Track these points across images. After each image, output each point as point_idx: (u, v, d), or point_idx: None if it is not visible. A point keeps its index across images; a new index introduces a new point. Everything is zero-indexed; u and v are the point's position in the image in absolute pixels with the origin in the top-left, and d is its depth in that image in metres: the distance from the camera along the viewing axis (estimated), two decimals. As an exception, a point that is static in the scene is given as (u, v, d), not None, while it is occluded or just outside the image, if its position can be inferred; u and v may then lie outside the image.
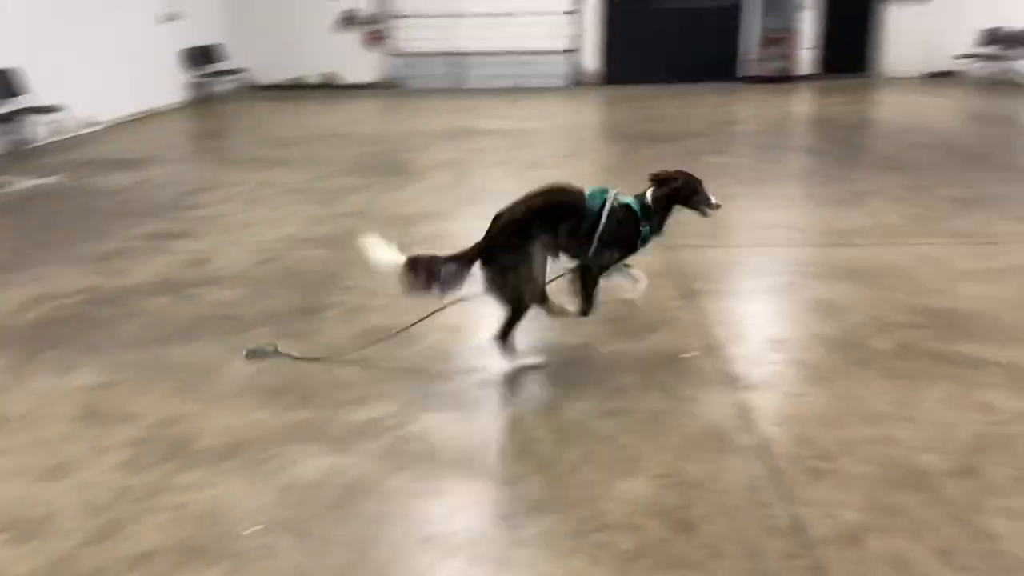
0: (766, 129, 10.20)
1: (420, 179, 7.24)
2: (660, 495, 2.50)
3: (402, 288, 3.21)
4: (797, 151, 8.59)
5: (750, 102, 12.58)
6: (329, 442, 2.87)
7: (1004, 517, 2.35)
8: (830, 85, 14.00)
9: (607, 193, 3.37)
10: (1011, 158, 7.70)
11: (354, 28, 15.12)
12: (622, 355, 3.51)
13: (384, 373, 3.40)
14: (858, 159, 7.92)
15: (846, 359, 3.42)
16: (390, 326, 3.85)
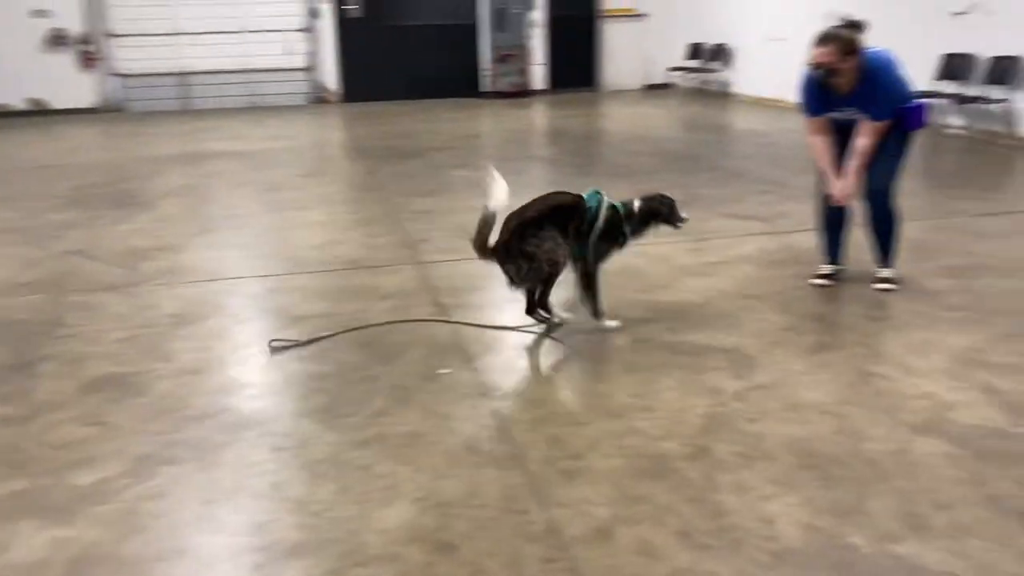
0: (506, 142, 10.59)
1: (150, 209, 6.72)
2: (419, 519, 2.46)
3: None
4: (537, 162, 8.97)
5: (490, 116, 13.00)
6: (51, 513, 2.54)
7: (733, 492, 2.56)
8: (561, 99, 14.84)
9: (600, 195, 3.83)
10: (718, 160, 8.55)
11: (66, 48, 13.78)
12: (378, 378, 3.44)
13: (114, 427, 3.08)
14: (591, 167, 8.42)
15: (588, 358, 3.60)
16: (119, 374, 3.52)
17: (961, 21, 9.40)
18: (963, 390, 3.20)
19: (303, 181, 7.84)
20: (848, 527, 2.37)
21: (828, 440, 2.85)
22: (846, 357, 3.54)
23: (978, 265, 4.74)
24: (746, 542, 2.32)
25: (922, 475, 2.63)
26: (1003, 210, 6.07)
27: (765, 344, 3.69)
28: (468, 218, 6.11)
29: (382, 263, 5.06)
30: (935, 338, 3.70)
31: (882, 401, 3.13)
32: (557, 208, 3.76)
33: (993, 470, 2.65)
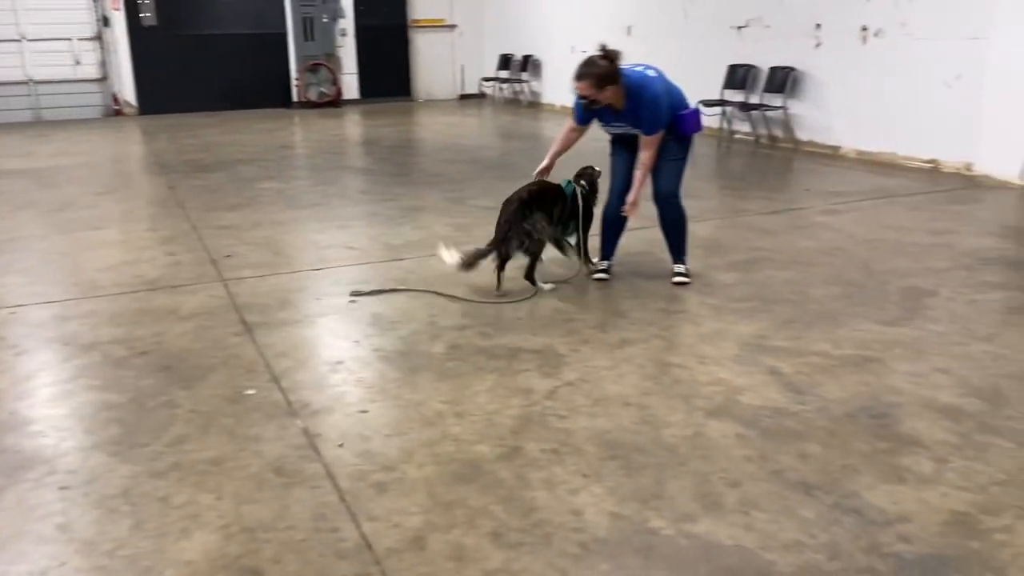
0: (319, 152, 10.36)
1: (-88, 235, 6.03)
2: (224, 547, 2.34)
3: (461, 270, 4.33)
4: (350, 172, 8.84)
5: (300, 127, 12.69)
6: None
7: (544, 489, 2.62)
8: (374, 108, 14.73)
9: (571, 184, 4.72)
10: (530, 168, 8.74)
11: None
12: (177, 404, 3.25)
13: None
14: (406, 177, 8.40)
15: (403, 368, 3.57)
16: None
17: (743, 34, 10.19)
18: (750, 374, 3.45)
19: (97, 199, 7.31)
20: (649, 512, 2.49)
21: (631, 430, 2.99)
22: (646, 350, 3.72)
23: (761, 259, 5.14)
24: (556, 536, 2.38)
25: (715, 456, 2.81)
26: (782, 208, 6.62)
27: (574, 343, 3.82)
28: (276, 232, 5.96)
29: (183, 282, 4.80)
30: (725, 328, 3.98)
31: (679, 389, 3.32)
32: (545, 191, 4.60)
33: (777, 446, 2.87)
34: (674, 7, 11.25)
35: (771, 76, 9.69)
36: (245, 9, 14.63)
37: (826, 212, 6.41)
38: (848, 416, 3.08)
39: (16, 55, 13.33)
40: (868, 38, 8.61)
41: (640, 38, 12.02)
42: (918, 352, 3.66)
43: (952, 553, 2.28)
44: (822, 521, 2.43)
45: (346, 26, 15.18)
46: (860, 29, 8.66)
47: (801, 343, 3.78)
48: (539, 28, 14.60)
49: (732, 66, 10.21)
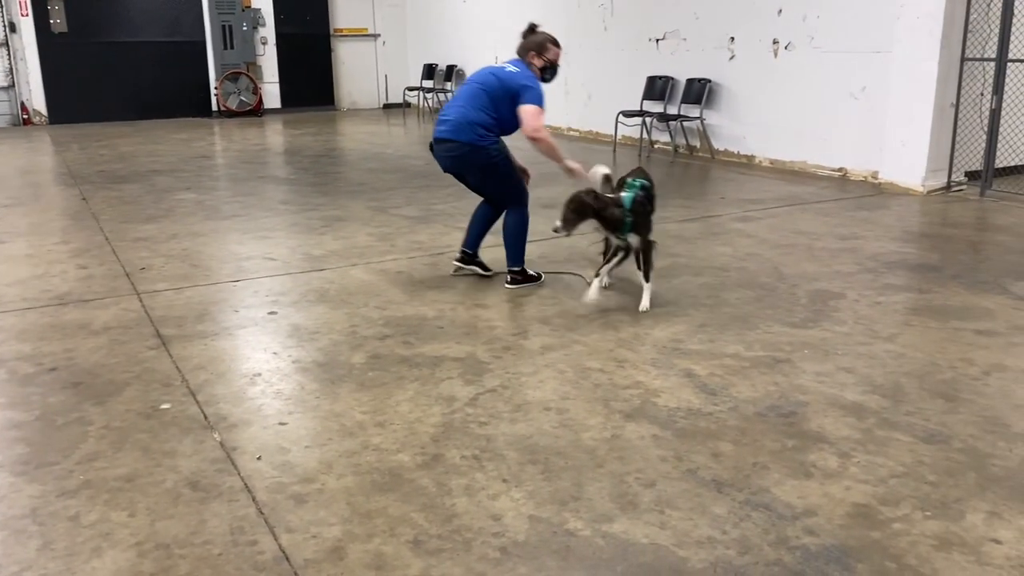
0: (239, 162, 10.17)
1: None
2: (137, 565, 2.29)
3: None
4: (271, 182, 8.71)
5: (220, 136, 12.45)
6: None
7: (463, 495, 2.65)
8: (296, 117, 14.56)
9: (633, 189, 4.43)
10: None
11: None
12: (89, 420, 3.16)
13: None
14: (329, 186, 8.32)
15: (323, 379, 3.55)
16: None
17: (661, 47, 10.44)
18: (666, 377, 3.54)
19: (3, 211, 7.04)
20: (568, 513, 2.54)
21: (551, 434, 3.04)
22: (567, 356, 3.79)
23: (678, 265, 5.28)
24: (476, 541, 2.41)
25: (632, 457, 2.88)
26: (699, 216, 6.80)
27: (496, 350, 3.86)
28: (193, 243, 5.84)
29: (96, 296, 4.66)
30: (643, 332, 4.07)
31: (598, 393, 3.39)
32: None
33: (691, 446, 2.96)
34: (594, 19, 11.46)
35: (688, 87, 9.95)
36: (162, 16, 14.31)
37: (741, 219, 6.61)
38: (759, 415, 3.19)
39: (-86, 61, 12.74)
40: (779, 51, 8.93)
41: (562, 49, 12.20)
42: (825, 352, 3.82)
43: (854, 544, 2.39)
44: (733, 517, 2.52)
45: (267, 34, 14.98)
46: (772, 42, 8.98)
47: (715, 346, 3.90)
48: (462, 38, 14.68)
49: (651, 77, 10.45)
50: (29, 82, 13.51)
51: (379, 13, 16.18)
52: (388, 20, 16.25)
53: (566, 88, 12.18)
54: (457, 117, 4.60)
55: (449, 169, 4.82)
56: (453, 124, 4.61)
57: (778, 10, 8.86)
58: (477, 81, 4.72)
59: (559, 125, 12.51)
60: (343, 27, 15.92)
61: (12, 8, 13.21)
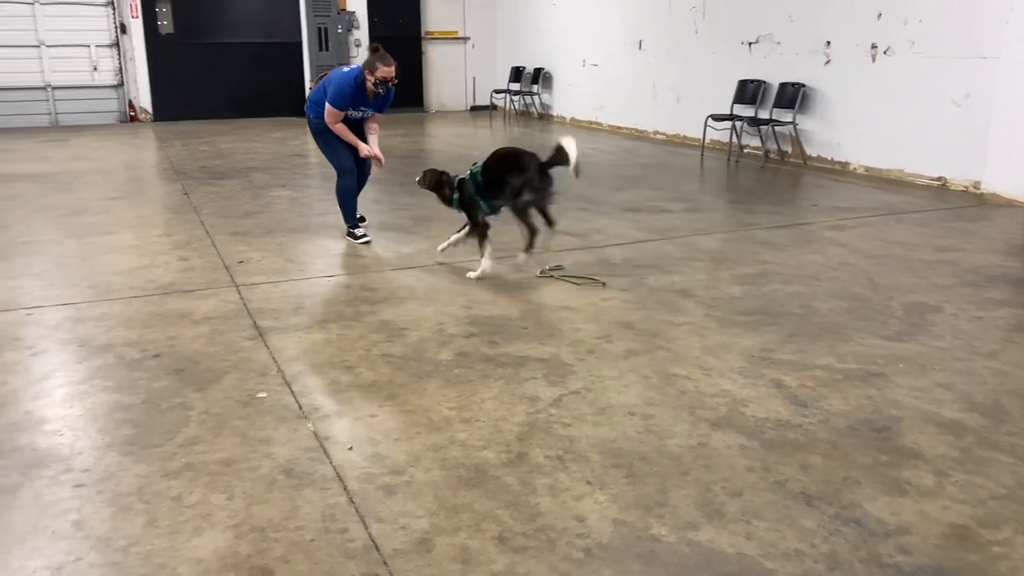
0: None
1: (-69, 236, 6.13)
2: (234, 546, 2.39)
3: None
4: (361, 182, 8.90)
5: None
6: None
7: (548, 495, 2.67)
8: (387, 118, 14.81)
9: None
10: (540, 179, 8.83)
11: None
12: (190, 406, 3.31)
13: None
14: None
15: (411, 374, 3.62)
16: None
17: (753, 50, 10.26)
18: (755, 386, 3.49)
19: (111, 204, 7.41)
20: (652, 519, 2.53)
21: (635, 439, 3.03)
22: (652, 361, 3.77)
23: (768, 273, 5.18)
24: (560, 541, 2.43)
25: (718, 466, 2.85)
26: (789, 223, 6.66)
27: (580, 352, 3.87)
28: (288, 239, 6.04)
29: (197, 287, 4.87)
30: (730, 340, 4.02)
31: (684, 400, 3.36)
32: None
33: (779, 458, 2.91)
34: (685, 22, 11.34)
35: (781, 92, 9.75)
36: (261, 18, 14.80)
37: (833, 227, 6.45)
38: (851, 429, 3.12)
39: (35, 61, 13.52)
40: (877, 56, 8.66)
41: (650, 52, 12.12)
42: (921, 367, 3.70)
43: (951, 565, 2.31)
44: (823, 531, 2.47)
45: (360, 37, 15.33)
46: (870, 47, 8.72)
47: (805, 356, 3.82)
48: (551, 41, 14.72)
49: (742, 81, 10.28)
50: (136, 81, 14.16)
51: (469, 16, 16.36)
52: (478, 23, 16.42)
53: (654, 91, 12.09)
54: (310, 95, 6.03)
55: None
56: (308, 101, 6.06)
57: (877, 14, 8.60)
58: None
59: (645, 128, 12.43)
60: (434, 30, 16.17)
61: (124, 11, 13.88)
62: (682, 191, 8.02)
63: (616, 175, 9.01)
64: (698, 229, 6.41)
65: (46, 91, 13.69)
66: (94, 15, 13.80)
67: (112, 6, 13.85)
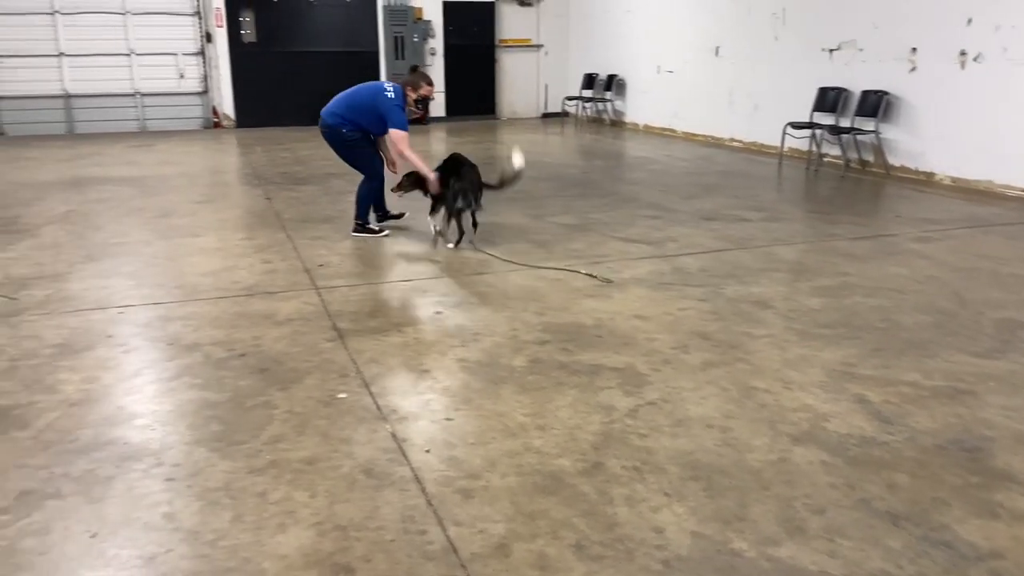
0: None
1: (31, 236, 6.44)
2: (317, 544, 2.45)
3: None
4: (435, 188, 9.00)
5: (389, 142, 12.97)
6: (-80, 556, 2.41)
7: (625, 505, 2.66)
8: (458, 126, 14.99)
9: None
10: (611, 186, 8.81)
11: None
12: (274, 404, 3.40)
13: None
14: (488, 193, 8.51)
15: (486, 379, 3.65)
16: (0, 408, 3.37)
17: (834, 57, 10.04)
18: (837, 401, 3.41)
19: (197, 207, 7.66)
20: (732, 533, 2.50)
21: (713, 452, 2.99)
22: (730, 373, 3.72)
23: (849, 285, 5.06)
24: (638, 551, 2.41)
25: (800, 482, 2.79)
26: (871, 234, 6.48)
27: (655, 363, 3.84)
28: (366, 244, 6.16)
29: (279, 289, 5.00)
30: (811, 354, 3.94)
31: (764, 414, 3.30)
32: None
33: (864, 475, 2.83)
34: (764, 28, 11.16)
35: (863, 100, 9.51)
36: (339, 27, 15.12)
37: (918, 239, 6.25)
38: (938, 448, 3.02)
39: (126, 68, 14.08)
40: (967, 63, 8.38)
41: (728, 59, 11.96)
42: (1013, 386, 3.56)
43: (1047, 593, 2.22)
44: (910, 552, 2.40)
45: (435, 45, 15.53)
46: (959, 53, 8.44)
47: (890, 372, 3.71)
48: (625, 48, 14.66)
49: (822, 88, 10.06)
50: (220, 88, 14.62)
51: (543, 24, 16.42)
52: (551, 31, 16.47)
53: (730, 98, 11.93)
54: (331, 107, 6.32)
55: (330, 145, 6.47)
56: (328, 111, 6.31)
57: (967, 19, 8.32)
58: (361, 87, 6.42)
59: (721, 136, 12.27)
60: (508, 38, 16.27)
61: (209, 20, 14.35)
62: (760, 200, 7.89)
63: (691, 183, 8.92)
64: (777, 239, 6.29)
65: (135, 97, 14.24)
66: (181, 24, 14.30)
67: (199, 15, 14.34)
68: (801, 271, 5.38)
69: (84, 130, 13.96)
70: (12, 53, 13.48)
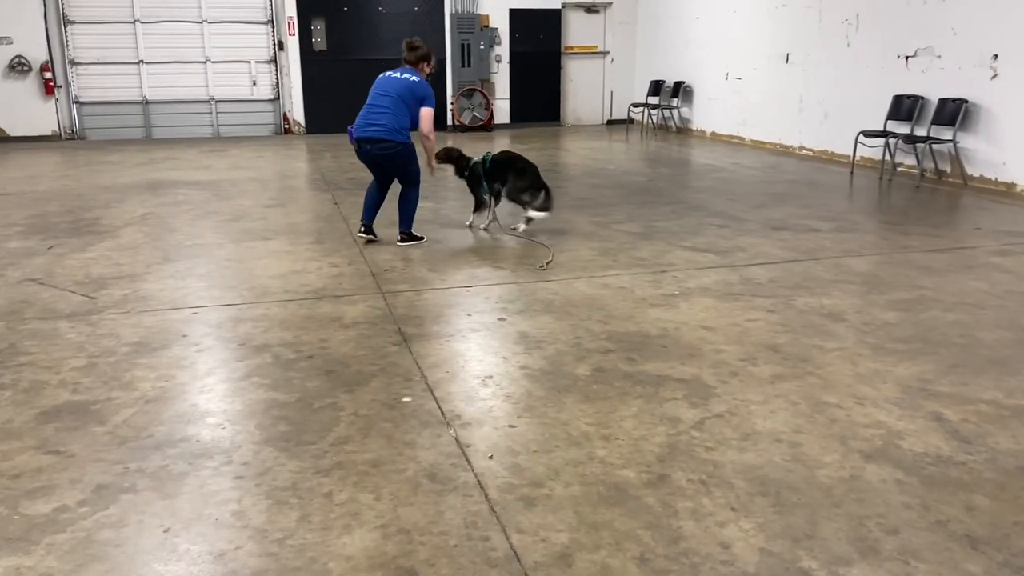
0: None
1: (111, 237, 6.67)
2: (382, 546, 2.47)
3: None
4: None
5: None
6: (5, 542, 2.51)
7: (691, 518, 2.61)
8: (522, 132, 15.03)
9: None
10: (677, 194, 8.71)
11: (27, 75, 13.64)
12: (340, 407, 3.45)
13: (72, 456, 3.05)
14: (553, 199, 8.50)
15: (549, 387, 3.64)
16: (77, 403, 3.49)
17: (910, 64, 9.76)
18: (912, 419, 3.30)
19: (267, 211, 7.84)
20: (801, 551, 2.43)
21: (782, 467, 2.93)
22: (800, 387, 3.63)
23: (925, 299, 4.90)
24: (704, 566, 2.37)
25: (873, 501, 2.71)
26: (949, 246, 6.27)
27: (723, 375, 3.78)
28: (430, 249, 6.21)
29: (345, 292, 5.08)
30: (885, 369, 3.82)
31: (835, 429, 3.22)
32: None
33: (940, 496, 2.74)
34: (837, 34, 10.92)
35: (940, 108, 9.21)
36: (408, 35, 15.20)
37: (999, 252, 6.03)
38: (1020, 470, 2.90)
39: (201, 75, 14.51)
40: (1053, 69, 8.05)
41: (798, 66, 11.74)
42: (1103, 408, 3.40)
43: None
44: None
45: (501, 52, 15.61)
46: (1044, 59, 8.12)
47: (968, 389, 3.58)
48: (692, 55, 14.50)
49: (897, 96, 9.79)
50: (291, 95, 14.94)
51: (610, 31, 16.37)
52: (618, 37, 16.40)
53: (800, 105, 11.70)
54: (388, 122, 6.06)
55: (377, 161, 6.27)
56: (384, 128, 6.06)
57: (1054, 24, 8.00)
58: (394, 93, 6.15)
59: (790, 144, 12.04)
60: (574, 45, 16.25)
61: (282, 28, 14.70)
62: (831, 210, 7.71)
63: (760, 192, 8.77)
64: (849, 250, 6.14)
65: (209, 104, 14.65)
66: (255, 32, 14.68)
67: (272, 24, 14.69)
68: (875, 283, 5.23)
69: (160, 135, 14.42)
70: (95, 61, 14.02)
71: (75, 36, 13.91)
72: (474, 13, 15.30)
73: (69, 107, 14.08)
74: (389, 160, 6.19)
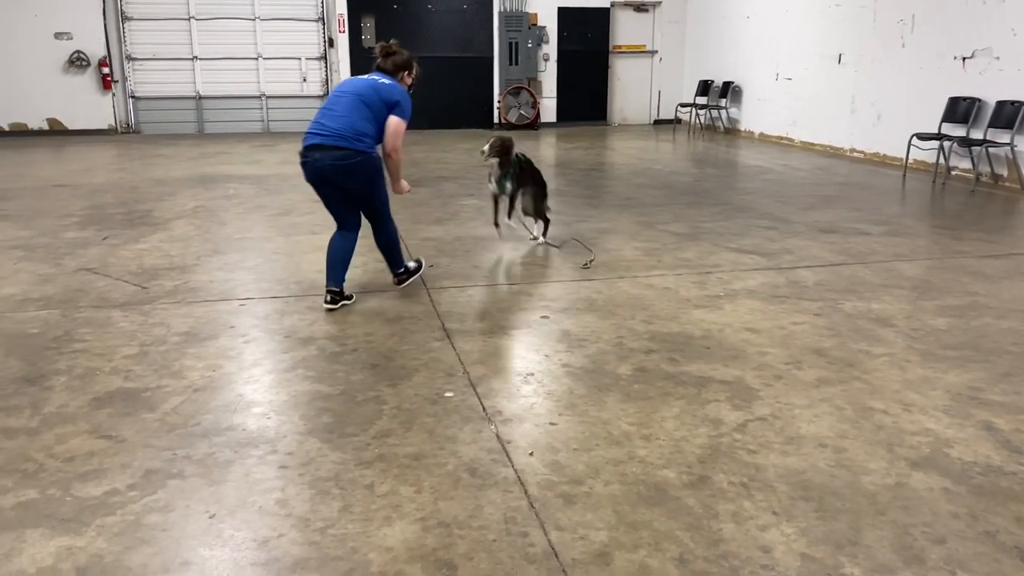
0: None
1: (163, 229, 6.82)
2: (421, 539, 2.50)
3: None
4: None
5: (500, 147, 13.10)
6: (58, 523, 2.59)
7: (731, 521, 2.59)
8: (568, 131, 15.00)
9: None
10: (724, 195, 8.63)
11: (85, 70, 14.02)
12: (383, 400, 3.49)
13: (123, 441, 3.13)
14: (597, 199, 8.50)
15: (591, 385, 3.63)
16: (129, 390, 3.58)
17: (967, 65, 9.53)
18: (961, 427, 3.23)
19: (314, 206, 7.90)
20: (844, 557, 2.40)
21: (826, 472, 2.89)
22: (846, 392, 3.58)
23: (978, 305, 4.78)
24: (744, 570, 2.35)
25: (919, 509, 2.66)
26: (1004, 252, 6.12)
27: (766, 377, 3.74)
28: (475, 247, 6.24)
29: (390, 288, 5.13)
30: (934, 376, 3.74)
31: (881, 436, 3.16)
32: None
33: (990, 506, 2.68)
34: (891, 35, 10.71)
35: (998, 110, 8.98)
36: (456, 33, 15.39)
37: (1056, 260, 5.86)
38: (1075, 483, 2.82)
39: (253, 72, 14.75)
40: (1118, 71, 7.80)
41: (851, 66, 11.54)
42: None
43: None
44: (1040, 592, 2.25)
45: (549, 51, 15.60)
46: (1109, 61, 7.87)
47: (1021, 399, 3.49)
48: (742, 55, 14.34)
49: (953, 98, 9.56)
50: (340, 92, 15.11)
51: (658, 30, 16.25)
52: (667, 37, 16.27)
53: (852, 106, 11.49)
54: (342, 126, 4.50)
55: (328, 177, 4.58)
56: (337, 133, 4.49)
57: (1121, 25, 7.74)
58: (353, 91, 4.68)
59: (841, 146, 11.84)
60: (622, 44, 16.17)
61: (332, 26, 14.87)
62: (882, 213, 7.57)
63: (809, 194, 8.64)
64: (899, 254, 6.02)
65: (260, 100, 14.89)
66: (306, 30, 14.88)
67: (322, 21, 14.88)
68: (925, 289, 5.13)
69: (212, 130, 14.69)
70: (151, 56, 14.34)
71: (132, 32, 14.25)
72: (522, 11, 15.31)
73: (125, 102, 14.42)
74: (346, 175, 4.56)
